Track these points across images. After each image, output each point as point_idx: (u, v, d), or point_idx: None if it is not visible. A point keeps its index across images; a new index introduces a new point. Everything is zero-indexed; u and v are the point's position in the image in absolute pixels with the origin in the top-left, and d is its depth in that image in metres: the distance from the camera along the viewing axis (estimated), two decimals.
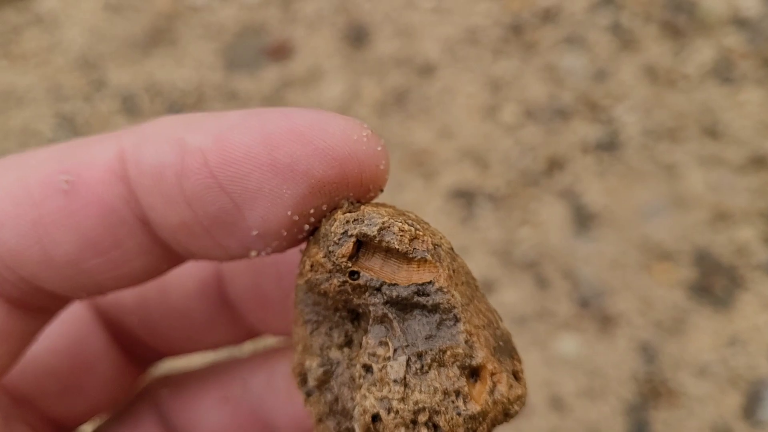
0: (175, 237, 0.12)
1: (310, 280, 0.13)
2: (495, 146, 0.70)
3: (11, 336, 0.12)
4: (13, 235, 0.11)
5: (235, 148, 0.11)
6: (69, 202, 0.11)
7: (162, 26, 0.83)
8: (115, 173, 0.11)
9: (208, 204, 0.11)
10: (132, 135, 0.12)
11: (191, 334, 0.18)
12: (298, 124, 0.11)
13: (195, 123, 0.11)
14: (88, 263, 0.11)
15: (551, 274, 0.63)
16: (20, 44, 0.85)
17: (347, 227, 0.12)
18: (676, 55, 0.71)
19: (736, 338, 0.60)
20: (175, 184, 0.11)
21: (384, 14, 0.79)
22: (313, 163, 0.11)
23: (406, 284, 0.12)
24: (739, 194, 0.64)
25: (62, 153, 0.12)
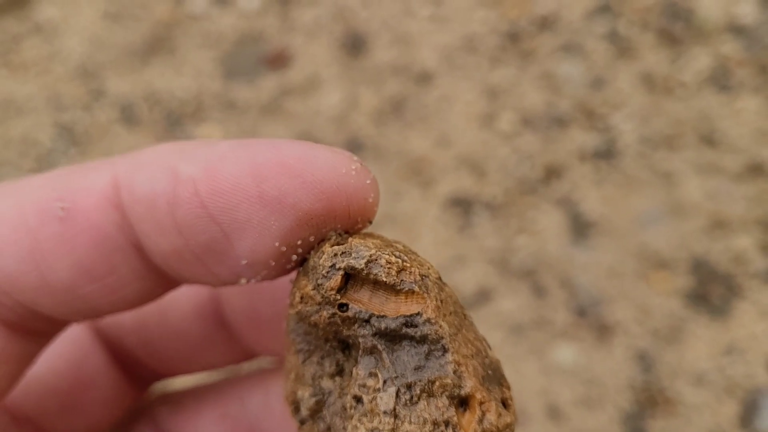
0: (168, 263, 0.12)
1: (301, 311, 0.13)
2: (492, 154, 0.70)
3: (10, 359, 0.12)
4: (10, 261, 0.11)
5: (224, 180, 0.11)
6: (65, 229, 0.11)
7: (161, 35, 0.83)
8: (109, 200, 0.11)
9: (198, 233, 0.11)
10: (126, 163, 0.12)
11: (189, 355, 0.18)
12: (287, 157, 0.11)
13: (187, 152, 0.11)
14: (84, 289, 0.12)
15: (548, 283, 0.63)
16: (20, 53, 0.86)
17: (335, 260, 0.12)
18: (673, 62, 0.71)
19: (733, 347, 0.60)
20: (167, 213, 0.11)
21: (381, 22, 0.79)
22: (301, 196, 0.11)
23: (394, 316, 0.12)
24: (737, 202, 0.64)
25: (58, 180, 0.12)
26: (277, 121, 0.77)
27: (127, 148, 0.78)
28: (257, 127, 0.77)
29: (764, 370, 0.58)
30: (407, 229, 0.68)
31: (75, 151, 0.79)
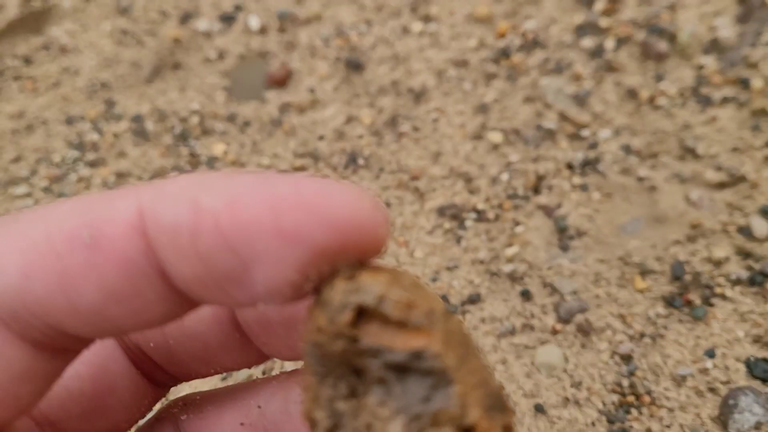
0: (190, 288, 0.13)
1: (315, 341, 0.13)
2: (483, 167, 0.73)
3: (37, 376, 0.13)
4: (40, 286, 0.12)
5: (244, 213, 0.12)
6: (91, 256, 0.12)
7: (168, 53, 0.87)
8: (134, 228, 0.12)
9: (219, 262, 0.12)
10: (150, 192, 0.13)
11: (205, 358, 0.18)
12: (305, 193, 0.12)
13: (209, 185, 0.12)
14: (110, 311, 0.12)
15: (536, 288, 0.66)
16: (32, 70, 0.89)
17: (347, 297, 0.13)
18: (657, 78, 0.74)
19: (713, 349, 0.62)
20: (189, 243, 0.12)
21: (379, 39, 0.83)
22: (317, 231, 0.12)
23: (402, 350, 0.13)
24: (716, 211, 0.67)
25: (85, 207, 0.13)
26: (280, 137, 0.80)
27: (136, 163, 0.81)
28: (260, 142, 0.80)
29: (743, 372, 0.61)
30: (402, 237, 0.71)
31: (86, 166, 0.82)
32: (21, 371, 0.13)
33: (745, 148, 0.69)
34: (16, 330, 0.12)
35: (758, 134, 0.69)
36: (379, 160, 0.76)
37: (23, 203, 0.81)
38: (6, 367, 0.13)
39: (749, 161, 0.68)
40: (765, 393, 0.59)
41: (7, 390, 0.13)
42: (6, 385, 0.13)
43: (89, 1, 0.92)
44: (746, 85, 0.71)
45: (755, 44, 0.73)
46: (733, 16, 0.75)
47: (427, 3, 0.83)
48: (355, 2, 0.84)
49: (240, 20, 0.86)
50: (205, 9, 0.88)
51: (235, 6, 0.87)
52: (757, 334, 0.61)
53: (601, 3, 0.77)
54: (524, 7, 0.80)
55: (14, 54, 0.91)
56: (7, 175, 0.82)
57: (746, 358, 0.61)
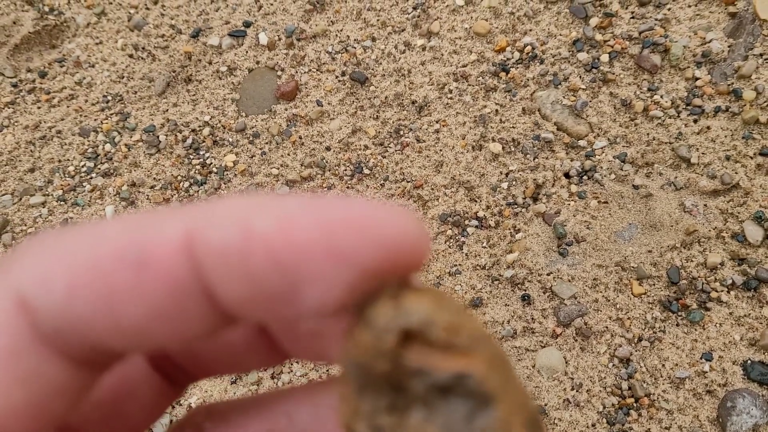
0: (237, 308, 0.13)
1: (356, 357, 0.14)
2: (483, 176, 0.75)
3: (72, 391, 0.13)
4: (85, 304, 0.12)
5: (296, 235, 0.12)
6: (138, 275, 0.12)
7: (180, 67, 0.90)
8: (182, 249, 0.12)
9: (268, 283, 0.12)
10: (200, 214, 0.13)
11: (228, 359, 0.18)
12: (355, 215, 0.12)
13: (260, 207, 0.13)
14: (153, 329, 0.13)
15: (536, 293, 0.67)
16: (47, 83, 0.92)
17: (393, 320, 0.13)
18: (651, 89, 0.77)
19: (710, 352, 0.64)
20: (239, 264, 0.12)
21: (383, 53, 0.86)
22: (367, 252, 0.12)
23: (446, 371, 0.13)
24: (711, 218, 0.69)
25: (132, 227, 0.13)
26: (288, 147, 0.83)
27: (149, 173, 0.84)
28: (269, 152, 0.83)
29: (740, 375, 0.62)
30: None
31: (99, 176, 0.85)
32: (57, 387, 0.13)
33: (738, 157, 0.71)
34: (57, 346, 0.13)
35: (751, 143, 0.72)
36: (383, 169, 0.78)
37: (38, 212, 0.84)
38: (44, 383, 0.13)
39: (742, 169, 0.70)
40: (762, 395, 0.61)
41: (42, 405, 0.13)
42: (41, 400, 0.13)
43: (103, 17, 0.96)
44: (738, 96, 0.74)
45: (747, 56, 0.75)
46: (724, 29, 0.78)
47: (429, 19, 0.86)
48: (360, 19, 0.88)
49: (250, 36, 0.90)
50: (215, 25, 0.92)
51: (245, 22, 0.91)
52: (753, 337, 0.63)
53: (596, 18, 0.80)
54: (522, 22, 0.83)
55: (29, 68, 0.94)
56: (23, 185, 0.85)
57: (743, 361, 0.62)
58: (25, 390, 0.13)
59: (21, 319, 0.13)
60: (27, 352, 0.13)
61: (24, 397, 0.13)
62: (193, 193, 0.82)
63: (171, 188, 0.82)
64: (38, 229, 0.83)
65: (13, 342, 0.13)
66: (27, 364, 0.13)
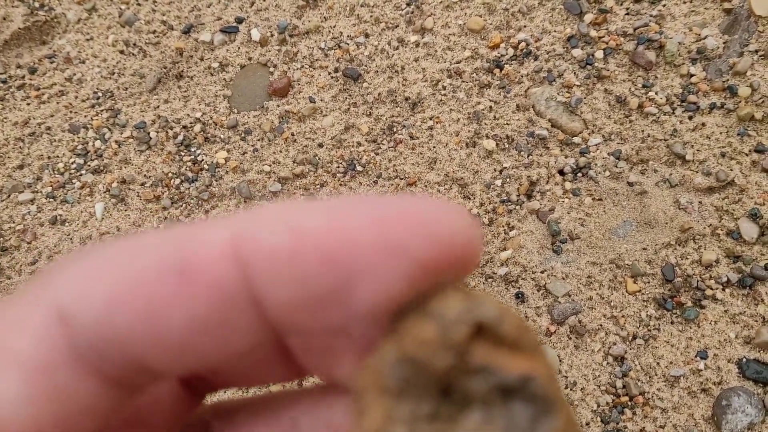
0: (284, 314, 0.12)
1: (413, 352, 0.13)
2: (477, 173, 0.75)
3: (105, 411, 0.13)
4: (125, 315, 0.11)
5: (347, 231, 0.12)
6: (182, 284, 0.11)
7: (171, 63, 0.89)
8: (227, 255, 0.12)
9: (320, 282, 0.12)
10: (245, 220, 0.12)
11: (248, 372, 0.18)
12: (408, 210, 0.12)
13: (307, 208, 0.12)
14: (197, 342, 0.12)
15: (531, 291, 0.67)
16: (36, 80, 0.91)
17: (467, 309, 0.13)
18: (645, 86, 0.76)
19: (705, 350, 0.63)
20: (289, 264, 0.12)
21: (376, 50, 0.85)
22: (423, 246, 0.12)
23: (514, 371, 0.13)
24: (706, 215, 0.69)
25: (175, 236, 0.12)
26: (280, 144, 0.82)
27: (140, 170, 0.83)
28: (261, 149, 0.82)
29: (735, 373, 0.61)
30: None
31: (89, 173, 0.84)
32: (89, 406, 0.13)
33: (733, 154, 0.71)
34: (91, 363, 0.12)
35: (746, 140, 0.71)
36: (376, 166, 0.77)
37: (27, 209, 0.82)
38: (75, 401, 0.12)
39: (737, 166, 0.70)
40: (757, 394, 0.60)
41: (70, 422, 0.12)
42: (71, 417, 0.12)
43: (93, 13, 0.95)
44: (734, 93, 0.73)
45: (742, 53, 0.75)
46: (719, 26, 0.77)
47: (423, 15, 0.85)
48: (354, 15, 0.87)
49: (242, 32, 0.89)
50: (207, 21, 0.91)
51: (237, 18, 0.90)
52: (749, 335, 0.62)
53: (590, 15, 0.80)
54: (516, 19, 0.82)
55: (19, 64, 0.93)
56: (11, 181, 0.84)
57: (738, 359, 0.62)
58: (55, 406, 0.13)
59: (59, 334, 0.13)
60: (62, 368, 0.13)
61: (53, 413, 0.13)
62: (183, 190, 0.81)
63: (162, 185, 0.81)
64: (26, 227, 0.82)
65: (48, 356, 0.13)
66: (60, 380, 0.13)
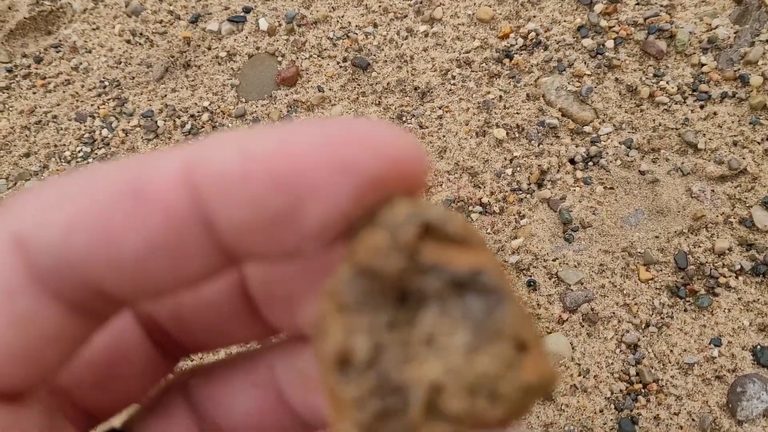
0: (237, 237, 0.12)
1: (366, 262, 0.13)
2: (488, 162, 0.74)
3: (66, 341, 0.13)
4: (83, 239, 0.12)
5: (297, 151, 0.12)
6: (136, 208, 0.12)
7: (179, 53, 0.89)
8: (180, 179, 0.12)
9: (269, 203, 0.12)
10: (196, 146, 0.13)
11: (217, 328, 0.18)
12: (355, 131, 0.13)
13: (256, 132, 0.13)
14: (152, 265, 0.12)
15: (542, 279, 0.66)
16: (43, 69, 0.91)
17: (413, 213, 0.13)
18: (656, 75, 0.76)
19: (719, 338, 0.63)
20: (239, 186, 0.12)
21: (384, 39, 0.85)
22: (370, 161, 0.12)
23: (465, 266, 0.14)
24: (718, 203, 0.68)
25: (130, 164, 0.13)
26: None
27: None
28: None
29: (750, 360, 0.61)
30: None
31: (96, 161, 0.83)
32: (51, 332, 0.13)
33: (746, 142, 0.70)
34: (51, 287, 0.12)
35: (758, 128, 0.71)
36: None
37: None
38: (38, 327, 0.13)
39: (750, 155, 0.70)
40: None
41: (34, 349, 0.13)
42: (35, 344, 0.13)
43: (99, 3, 0.94)
44: (745, 82, 0.73)
45: (753, 42, 0.75)
46: (730, 16, 0.77)
47: (432, 5, 0.85)
48: (362, 5, 0.87)
49: (250, 21, 0.88)
50: (215, 10, 0.90)
51: (245, 8, 0.89)
52: (763, 322, 0.62)
53: (601, 4, 0.80)
54: (526, 9, 0.82)
55: (25, 53, 0.92)
56: (18, 169, 0.83)
57: (752, 346, 0.62)
58: (19, 332, 0.13)
59: (17, 259, 0.13)
60: (22, 294, 0.13)
61: (17, 339, 0.13)
62: None
63: None
64: None
65: (7, 283, 0.13)
66: (21, 306, 0.13)
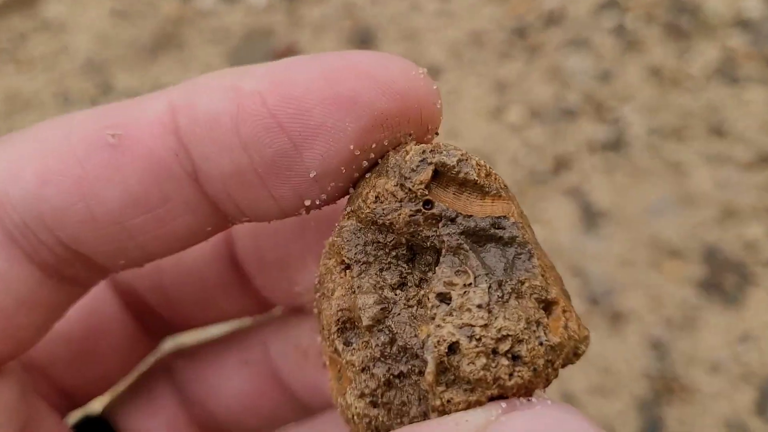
0: (227, 189, 0.11)
1: (374, 211, 0.12)
2: (502, 146, 0.70)
3: (41, 307, 0.12)
4: (56, 192, 0.10)
5: (295, 86, 0.11)
6: (115, 157, 0.11)
7: (169, 31, 0.84)
8: (164, 126, 0.11)
9: (265, 146, 0.11)
10: (182, 88, 0.12)
11: (203, 302, 0.17)
12: (358, 61, 0.11)
13: (246, 71, 0.11)
14: (132, 221, 0.11)
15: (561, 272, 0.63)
16: (27, 50, 0.86)
17: (425, 155, 0.12)
18: (681, 56, 0.72)
19: (747, 334, 0.59)
20: (230, 130, 0.11)
21: (389, 18, 0.80)
22: (376, 96, 0.11)
23: (482, 216, 0.12)
24: (747, 191, 0.65)
25: (109, 110, 0.12)
26: None
27: None
28: None
29: None
30: None
31: None
32: (25, 296, 0.11)
33: None
34: (25, 247, 0.11)
35: None
36: None
37: None
38: (10, 290, 0.11)
39: None
40: None
41: (8, 317, 0.11)
42: (8, 310, 0.11)
43: None
44: None
45: None
46: None
47: None
48: None
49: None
50: None
51: None
52: None
53: None
54: None
55: (9, 34, 0.87)
56: None
57: None
58: None
59: None
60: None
61: None
62: None
63: None
64: None
65: None
66: None
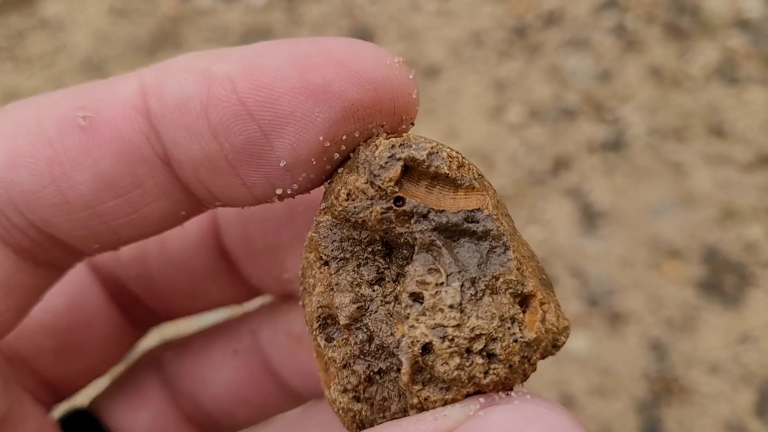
0: (198, 175, 0.11)
1: (346, 209, 0.12)
2: (501, 146, 0.70)
3: (17, 290, 0.12)
4: (26, 174, 0.10)
5: (265, 73, 0.10)
6: (86, 139, 0.10)
7: (167, 29, 0.83)
8: (136, 108, 0.11)
9: (234, 134, 0.11)
10: (153, 70, 0.11)
11: (189, 290, 0.17)
12: (331, 49, 0.11)
13: (220, 54, 0.11)
14: (105, 205, 0.11)
15: (560, 272, 0.62)
16: (25, 48, 0.86)
17: (394, 151, 0.12)
18: (680, 56, 0.72)
19: (747, 335, 0.59)
20: (200, 115, 0.11)
21: (389, 17, 0.80)
22: (347, 85, 0.11)
23: (454, 211, 0.12)
24: (747, 192, 0.64)
25: (80, 91, 0.11)
26: None
27: None
28: None
29: None
30: None
31: None
32: (1, 280, 0.11)
33: None
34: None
35: None
36: None
37: None
38: None
39: None
40: None
41: None
42: None
43: None
44: None
45: None
46: None
47: None
48: None
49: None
50: None
51: None
52: None
53: None
54: None
55: (7, 32, 0.87)
56: None
57: None
58: None
59: None
60: None
61: None
62: None
63: None
64: None
65: None
66: None
